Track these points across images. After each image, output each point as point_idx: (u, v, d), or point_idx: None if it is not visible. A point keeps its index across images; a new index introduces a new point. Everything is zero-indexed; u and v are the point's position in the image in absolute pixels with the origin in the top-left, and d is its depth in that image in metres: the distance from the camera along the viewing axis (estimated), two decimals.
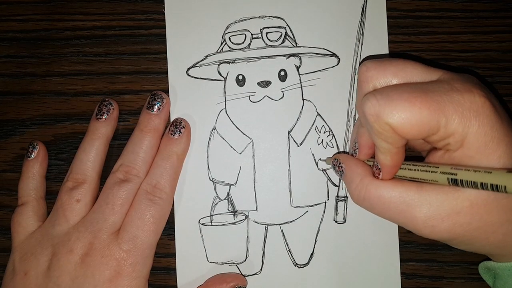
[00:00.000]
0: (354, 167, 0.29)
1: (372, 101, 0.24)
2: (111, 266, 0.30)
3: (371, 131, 0.25)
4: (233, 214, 0.34)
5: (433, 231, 0.25)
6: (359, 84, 0.27)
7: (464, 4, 0.35)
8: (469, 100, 0.23)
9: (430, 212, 0.25)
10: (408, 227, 0.26)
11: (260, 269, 0.34)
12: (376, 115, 0.24)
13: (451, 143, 0.24)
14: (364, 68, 0.27)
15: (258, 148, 0.34)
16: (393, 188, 0.26)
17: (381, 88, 0.25)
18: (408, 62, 0.26)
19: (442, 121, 0.23)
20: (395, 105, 0.23)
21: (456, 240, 0.26)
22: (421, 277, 0.34)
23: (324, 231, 0.34)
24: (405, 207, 0.25)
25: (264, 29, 0.35)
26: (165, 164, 0.32)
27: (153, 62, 0.35)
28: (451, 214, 0.24)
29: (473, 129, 0.23)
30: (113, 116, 0.34)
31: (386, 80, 0.26)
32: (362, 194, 0.27)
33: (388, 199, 0.26)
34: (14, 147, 0.36)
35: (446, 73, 0.26)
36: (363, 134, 0.29)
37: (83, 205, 0.32)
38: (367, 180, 0.27)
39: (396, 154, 0.25)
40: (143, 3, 0.36)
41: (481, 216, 0.24)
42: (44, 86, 0.36)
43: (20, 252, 0.32)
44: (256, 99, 0.34)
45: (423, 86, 0.24)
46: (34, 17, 0.36)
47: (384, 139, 0.24)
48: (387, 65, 0.26)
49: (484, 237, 0.25)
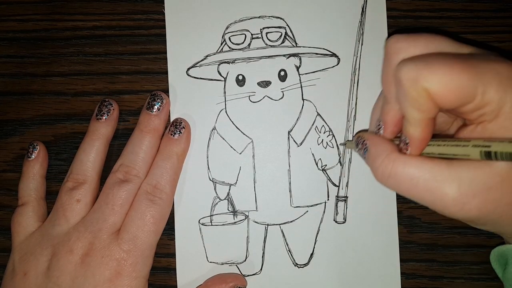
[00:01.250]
0: (379, 142, 0.27)
1: (410, 65, 0.23)
2: (111, 266, 0.30)
3: (405, 98, 0.24)
4: (233, 214, 0.34)
5: (463, 208, 0.24)
6: (386, 57, 0.27)
7: (464, 4, 0.35)
8: (506, 70, 0.23)
9: (461, 189, 0.24)
10: (436, 205, 0.25)
11: (260, 269, 0.34)
12: (414, 79, 0.23)
13: (487, 113, 0.23)
14: (394, 40, 0.26)
15: (258, 148, 0.34)
16: (422, 164, 0.25)
17: (417, 56, 0.25)
18: (437, 36, 0.26)
19: (480, 88, 0.22)
20: (435, 69, 0.23)
21: (484, 219, 0.25)
22: (421, 277, 0.34)
23: (324, 231, 0.34)
24: (434, 183, 0.24)
25: (264, 29, 0.35)
26: (165, 164, 0.32)
27: (153, 62, 0.35)
28: (483, 190, 0.23)
29: (510, 97, 0.23)
30: (113, 117, 0.34)
31: (416, 51, 0.25)
32: (388, 171, 0.26)
33: (416, 176, 0.25)
34: (14, 147, 0.36)
35: (477, 49, 0.25)
36: (389, 110, 0.28)
37: (83, 205, 0.32)
38: (394, 156, 0.26)
39: (427, 126, 0.25)
40: (143, 3, 0.36)
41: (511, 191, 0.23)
42: (44, 86, 0.36)
43: (20, 252, 0.32)
44: (256, 99, 0.34)
45: (459, 55, 0.24)
46: (34, 17, 0.36)
47: (418, 107, 0.24)
48: (418, 37, 0.26)
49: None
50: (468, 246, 0.34)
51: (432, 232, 0.34)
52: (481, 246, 0.34)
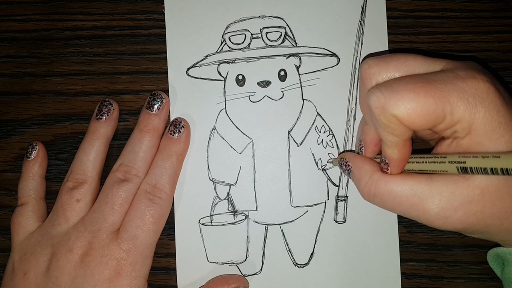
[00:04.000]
0: (361, 164, 0.28)
1: (377, 93, 0.24)
2: (110, 265, 0.30)
3: (377, 124, 0.25)
4: (233, 214, 0.34)
5: (447, 222, 0.25)
6: (361, 82, 0.27)
7: (464, 4, 0.35)
8: (473, 87, 0.23)
9: (442, 203, 0.24)
10: (421, 220, 0.26)
11: (260, 269, 0.34)
12: (382, 107, 0.24)
13: (458, 130, 0.24)
14: (366, 66, 0.27)
15: (258, 148, 0.34)
16: (403, 182, 0.26)
17: (385, 82, 0.25)
18: (409, 56, 0.26)
19: (448, 109, 0.23)
20: (400, 96, 0.23)
21: (470, 229, 0.25)
22: (421, 277, 0.34)
23: (324, 231, 0.34)
24: (416, 200, 0.25)
25: (264, 29, 0.35)
26: (164, 164, 0.32)
27: (153, 62, 0.35)
28: (463, 204, 0.24)
29: (479, 114, 0.23)
30: (113, 117, 0.34)
31: (388, 75, 0.26)
32: (372, 191, 0.27)
33: (399, 193, 0.26)
34: (14, 147, 0.36)
35: (449, 63, 0.26)
36: (368, 131, 0.29)
37: (83, 205, 0.32)
38: (376, 176, 0.27)
39: (403, 147, 0.25)
40: (143, 3, 0.36)
41: (493, 203, 0.24)
42: (44, 86, 0.36)
43: (20, 252, 0.32)
44: (256, 99, 0.34)
45: (426, 76, 0.24)
46: (34, 17, 0.36)
47: (391, 131, 0.24)
48: (389, 60, 0.26)
49: (498, 223, 0.25)
50: (467, 246, 0.34)
51: (432, 232, 0.34)
52: (481, 246, 0.34)
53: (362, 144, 0.30)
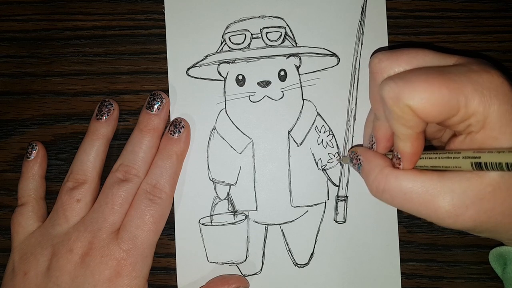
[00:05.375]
0: (372, 158, 0.28)
1: (391, 84, 0.24)
2: (110, 265, 0.30)
3: (390, 116, 0.24)
4: (233, 214, 0.34)
5: (458, 220, 0.24)
6: (371, 76, 0.27)
7: (464, 4, 0.35)
8: (487, 80, 0.23)
9: (454, 201, 0.24)
10: (431, 218, 0.25)
11: (260, 269, 0.34)
12: (396, 97, 0.23)
13: (473, 124, 0.24)
14: (377, 60, 0.26)
15: (258, 148, 0.34)
16: (415, 178, 0.25)
17: (398, 73, 0.25)
18: (419, 50, 0.26)
19: (462, 101, 0.23)
20: (414, 86, 0.23)
21: (480, 228, 0.25)
22: (421, 277, 0.34)
23: (324, 231, 0.34)
24: (428, 197, 0.24)
25: (264, 29, 0.35)
26: (164, 164, 0.32)
27: (153, 62, 0.35)
28: (475, 201, 0.24)
29: (494, 108, 0.23)
30: (113, 117, 0.34)
31: (399, 69, 0.26)
32: (382, 186, 0.26)
33: (409, 190, 0.25)
34: (14, 147, 0.36)
35: (460, 58, 0.25)
36: (380, 127, 0.28)
37: (83, 205, 0.32)
38: (387, 171, 0.26)
39: (416, 140, 0.25)
40: (143, 3, 0.36)
41: (503, 200, 0.24)
42: (44, 86, 0.36)
43: (20, 252, 0.32)
44: (256, 99, 0.34)
45: (440, 68, 0.24)
46: (34, 17, 0.36)
47: (405, 123, 0.24)
48: (399, 55, 0.26)
49: (508, 221, 0.24)
50: (467, 246, 0.34)
51: (432, 232, 0.34)
52: (481, 246, 0.34)
53: (373, 140, 0.29)
